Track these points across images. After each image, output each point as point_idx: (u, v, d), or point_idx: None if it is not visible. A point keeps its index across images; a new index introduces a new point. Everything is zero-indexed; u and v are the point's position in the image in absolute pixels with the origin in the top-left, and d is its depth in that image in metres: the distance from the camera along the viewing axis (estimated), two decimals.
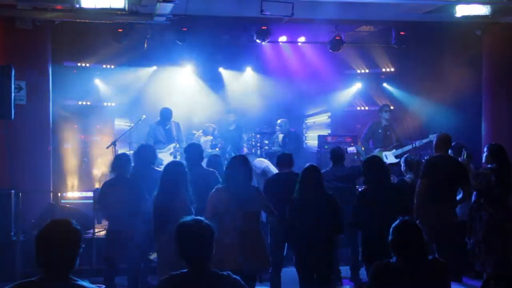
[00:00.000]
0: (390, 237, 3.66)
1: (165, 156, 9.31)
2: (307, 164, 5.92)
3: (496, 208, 6.28)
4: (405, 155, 7.66)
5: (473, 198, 6.63)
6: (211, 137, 10.51)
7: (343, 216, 5.65)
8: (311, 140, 12.71)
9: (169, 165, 5.86)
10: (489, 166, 6.46)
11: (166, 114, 9.54)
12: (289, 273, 7.04)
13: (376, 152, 9.43)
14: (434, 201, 6.05)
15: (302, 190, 5.58)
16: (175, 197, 5.44)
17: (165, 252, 5.28)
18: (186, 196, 5.51)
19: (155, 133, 9.50)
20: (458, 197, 6.50)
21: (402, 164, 7.19)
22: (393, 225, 3.69)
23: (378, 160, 5.96)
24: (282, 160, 6.65)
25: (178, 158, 9.43)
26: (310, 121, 13.27)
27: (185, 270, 3.16)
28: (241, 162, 5.54)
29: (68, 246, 2.94)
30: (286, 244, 6.59)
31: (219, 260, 5.20)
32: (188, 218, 3.27)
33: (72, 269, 2.95)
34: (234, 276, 3.19)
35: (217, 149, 10.17)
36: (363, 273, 7.12)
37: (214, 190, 5.47)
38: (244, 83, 12.53)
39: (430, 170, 6.23)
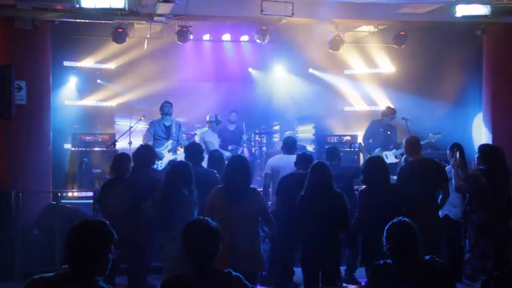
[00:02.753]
0: (384, 238, 3.66)
1: (164, 153, 9.31)
2: (316, 161, 5.90)
3: (487, 211, 6.25)
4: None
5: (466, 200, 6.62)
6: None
7: (349, 214, 5.62)
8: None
9: (175, 166, 5.79)
10: (480, 167, 6.42)
11: (164, 106, 9.49)
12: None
13: (376, 151, 9.43)
14: (415, 208, 5.77)
15: (311, 187, 5.54)
16: (180, 201, 5.42)
17: (170, 257, 5.24)
18: (190, 199, 5.49)
19: (155, 129, 9.44)
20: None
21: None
22: (388, 225, 3.69)
23: (380, 160, 5.94)
24: (300, 160, 6.61)
25: (177, 156, 9.41)
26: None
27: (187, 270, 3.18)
28: (240, 163, 5.54)
29: (96, 246, 2.92)
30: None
31: None
32: (195, 218, 3.29)
33: (99, 269, 2.93)
34: (235, 273, 3.22)
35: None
36: (358, 275, 7.14)
37: (213, 189, 5.48)
38: (244, 83, 12.56)
39: (403, 178, 6.15)
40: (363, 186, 5.97)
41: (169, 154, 9.31)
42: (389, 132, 9.73)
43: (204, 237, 3.16)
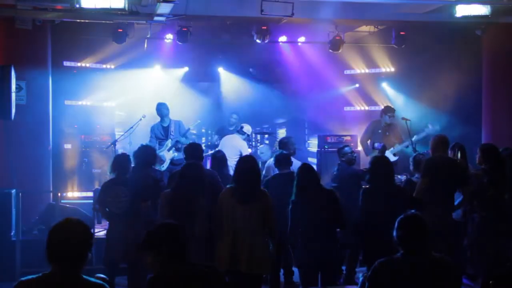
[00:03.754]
0: (395, 230, 3.65)
1: (165, 153, 9.33)
2: (301, 164, 5.92)
3: (488, 210, 6.24)
4: (414, 154, 7.60)
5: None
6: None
7: (344, 211, 5.63)
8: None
9: (188, 167, 5.80)
10: (482, 167, 6.41)
11: (158, 109, 9.50)
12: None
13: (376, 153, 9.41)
14: (432, 203, 5.90)
15: (299, 189, 5.55)
16: (192, 201, 5.44)
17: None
18: (203, 200, 5.51)
19: (155, 132, 9.48)
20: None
21: (411, 164, 7.15)
22: (399, 218, 3.68)
23: (385, 160, 5.94)
24: (281, 160, 6.63)
25: (176, 154, 9.38)
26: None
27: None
28: (249, 162, 5.53)
29: (81, 243, 3.03)
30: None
31: (219, 259, 5.23)
32: (163, 221, 3.55)
33: (82, 267, 3.05)
34: (212, 266, 3.40)
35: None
36: (359, 275, 7.14)
37: (224, 189, 5.50)
38: (243, 83, 12.55)
39: (430, 170, 6.16)
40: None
41: (169, 153, 9.33)
42: (387, 133, 9.71)
43: (173, 239, 3.32)
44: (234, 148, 9.03)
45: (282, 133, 13.10)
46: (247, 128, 9.68)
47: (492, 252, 6.18)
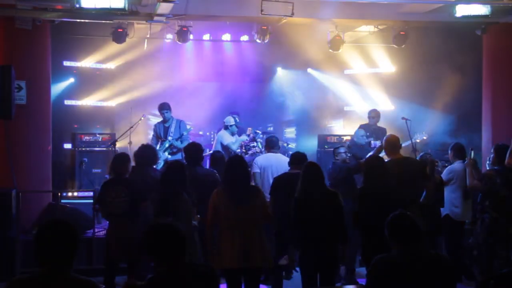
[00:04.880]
0: (385, 228, 3.71)
1: (161, 153, 9.36)
2: (307, 161, 5.91)
3: (500, 211, 6.22)
4: (421, 154, 7.59)
5: (478, 199, 6.59)
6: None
7: (344, 213, 5.63)
8: None
9: (169, 166, 5.85)
10: (495, 167, 6.39)
11: (160, 108, 9.52)
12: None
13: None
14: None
15: (304, 187, 5.54)
16: (177, 202, 5.45)
17: None
18: (187, 200, 5.52)
19: (157, 131, 9.50)
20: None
21: None
22: (388, 217, 3.74)
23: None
24: (294, 159, 6.62)
25: (169, 156, 9.37)
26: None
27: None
28: (238, 162, 5.54)
29: (67, 243, 3.07)
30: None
31: (220, 258, 5.24)
32: (161, 221, 3.49)
33: (71, 265, 3.08)
34: (208, 266, 3.47)
35: None
36: (358, 275, 7.15)
37: (215, 191, 5.49)
38: (244, 83, 12.56)
39: None
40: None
41: (164, 154, 9.33)
42: (374, 135, 9.67)
43: (170, 240, 3.32)
44: (218, 142, 9.62)
45: (290, 131, 13.06)
46: (227, 120, 9.83)
47: (503, 254, 6.16)
